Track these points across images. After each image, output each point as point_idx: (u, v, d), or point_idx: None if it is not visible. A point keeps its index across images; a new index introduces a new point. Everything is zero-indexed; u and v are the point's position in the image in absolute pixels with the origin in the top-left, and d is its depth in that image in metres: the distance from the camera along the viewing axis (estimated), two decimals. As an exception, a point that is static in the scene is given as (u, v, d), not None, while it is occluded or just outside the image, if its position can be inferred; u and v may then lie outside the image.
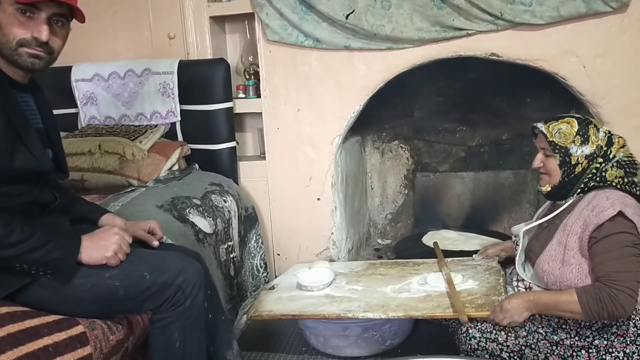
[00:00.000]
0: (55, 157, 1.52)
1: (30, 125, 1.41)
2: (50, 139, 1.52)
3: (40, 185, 1.47)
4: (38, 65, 1.37)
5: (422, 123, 3.00)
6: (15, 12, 1.31)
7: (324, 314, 1.85)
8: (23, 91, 1.45)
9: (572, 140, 1.57)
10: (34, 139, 1.40)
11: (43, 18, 1.33)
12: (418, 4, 2.21)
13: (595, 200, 1.51)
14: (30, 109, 1.47)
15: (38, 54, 1.35)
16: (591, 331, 1.52)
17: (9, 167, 1.32)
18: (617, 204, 1.46)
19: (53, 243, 1.29)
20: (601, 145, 1.56)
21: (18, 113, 1.37)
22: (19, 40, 1.32)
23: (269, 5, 2.41)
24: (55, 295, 1.34)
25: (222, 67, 2.57)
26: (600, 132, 1.59)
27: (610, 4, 2.04)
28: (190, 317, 1.45)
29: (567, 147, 1.58)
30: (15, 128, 1.34)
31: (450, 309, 1.74)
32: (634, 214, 1.46)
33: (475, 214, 2.92)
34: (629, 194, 1.52)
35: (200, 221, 2.14)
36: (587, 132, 1.57)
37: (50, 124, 1.53)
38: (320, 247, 2.67)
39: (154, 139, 2.49)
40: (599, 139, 1.57)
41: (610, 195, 1.50)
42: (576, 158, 1.57)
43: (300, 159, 2.62)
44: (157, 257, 1.46)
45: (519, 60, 2.23)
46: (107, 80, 2.68)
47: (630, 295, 1.40)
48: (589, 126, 1.59)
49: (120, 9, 2.77)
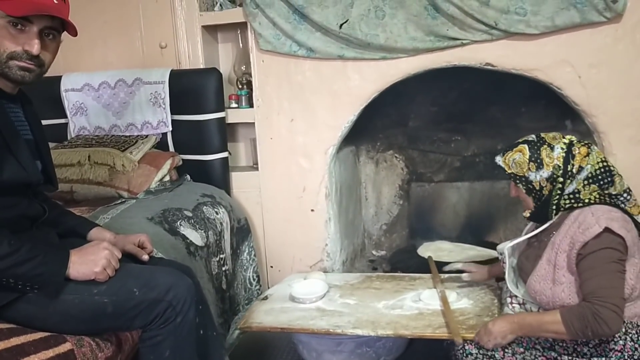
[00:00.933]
0: (44, 169, 1.50)
1: (19, 136, 1.39)
2: (40, 151, 1.50)
3: (28, 197, 1.44)
4: (28, 78, 1.36)
5: (416, 133, 2.99)
6: (6, 24, 1.30)
7: (313, 328, 1.84)
8: (12, 102, 1.43)
9: (528, 167, 1.57)
10: (23, 150, 1.38)
11: (35, 32, 1.32)
12: (412, 14, 2.20)
13: (582, 217, 1.50)
14: (19, 120, 1.45)
15: (28, 67, 1.34)
16: (588, 348, 1.50)
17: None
18: (603, 220, 1.45)
19: (41, 257, 1.26)
20: (558, 165, 1.54)
21: (7, 124, 1.36)
22: (9, 54, 1.31)
23: (262, 15, 2.40)
24: (42, 312, 1.31)
25: (214, 76, 2.55)
26: (556, 149, 1.56)
27: (605, 14, 2.04)
28: (182, 334, 1.41)
29: (525, 175, 1.58)
30: (4, 139, 1.32)
31: (440, 329, 1.72)
32: (621, 227, 1.44)
33: (470, 224, 2.90)
34: (614, 207, 1.51)
35: (192, 234, 2.10)
36: (540, 156, 1.56)
37: (39, 136, 1.51)
38: (314, 259, 2.64)
39: (144, 150, 2.46)
40: (553, 159, 1.55)
41: (596, 211, 1.49)
42: (538, 183, 1.57)
43: (293, 170, 2.59)
44: (147, 273, 1.43)
45: (513, 70, 2.22)
46: (97, 90, 2.64)
47: (614, 312, 1.38)
48: (541, 148, 1.57)
49: (110, 18, 2.74)
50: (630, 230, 1.48)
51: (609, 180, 1.53)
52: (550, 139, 1.58)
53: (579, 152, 1.55)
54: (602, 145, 2.21)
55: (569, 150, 1.55)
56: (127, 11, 2.71)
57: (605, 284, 1.41)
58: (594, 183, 1.53)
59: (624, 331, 1.47)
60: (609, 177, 1.53)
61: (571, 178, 1.54)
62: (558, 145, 1.56)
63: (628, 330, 1.47)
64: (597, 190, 1.52)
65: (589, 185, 1.53)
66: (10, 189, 1.35)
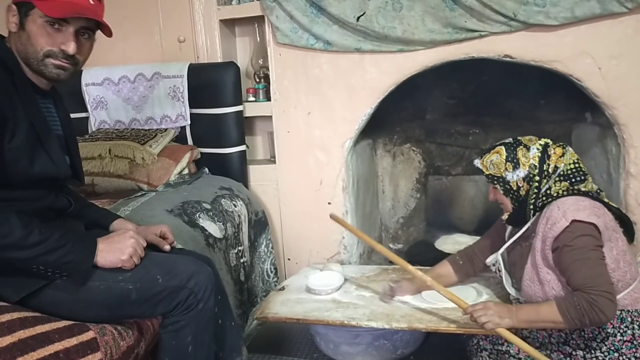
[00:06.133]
0: (72, 164, 1.54)
1: (51, 131, 1.42)
2: (69, 146, 1.54)
3: (55, 191, 1.48)
4: (63, 76, 1.39)
5: (434, 126, 2.98)
6: (44, 24, 1.33)
7: (328, 320, 1.85)
8: (45, 98, 1.46)
9: (505, 168, 1.60)
10: (54, 145, 1.41)
11: (71, 32, 1.35)
12: (430, 6, 2.19)
13: (549, 212, 1.51)
14: (52, 115, 1.48)
15: (63, 65, 1.37)
16: (597, 342, 1.49)
17: (28, 171, 1.33)
18: (569, 212, 1.45)
19: (70, 245, 1.29)
20: (534, 164, 1.57)
21: (40, 119, 1.39)
22: (46, 52, 1.34)
23: (279, 8, 2.41)
24: (69, 298, 1.34)
25: (232, 70, 2.56)
26: (532, 150, 1.58)
27: (626, 5, 2.01)
28: (203, 320, 1.44)
29: (502, 175, 1.60)
30: (37, 133, 1.35)
31: (455, 323, 1.71)
32: (590, 215, 1.45)
33: (488, 217, 2.87)
34: (583, 195, 1.51)
35: (211, 226, 2.13)
36: (516, 156, 1.59)
37: (69, 131, 1.55)
38: (331, 251, 2.65)
39: (163, 143, 2.48)
40: (529, 159, 1.58)
41: (562, 204, 1.49)
42: (515, 183, 1.59)
43: (310, 163, 2.60)
44: (170, 261, 1.46)
45: (532, 62, 2.20)
46: (117, 85, 2.68)
47: (608, 299, 1.39)
48: (518, 149, 1.60)
49: (130, 13, 2.77)
50: (602, 216, 1.48)
51: (581, 179, 1.55)
52: (526, 141, 1.62)
53: (555, 152, 1.58)
54: (622, 138, 2.19)
55: (544, 150, 1.58)
56: (146, 6, 2.74)
57: (591, 274, 1.42)
58: (565, 180, 1.55)
59: (630, 320, 1.47)
60: (581, 175, 1.55)
61: (547, 177, 1.56)
62: (534, 146, 1.59)
63: (634, 319, 1.47)
64: (567, 186, 1.54)
65: (560, 182, 1.55)
66: (40, 182, 1.39)
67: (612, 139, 2.28)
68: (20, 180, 1.33)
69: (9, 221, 1.23)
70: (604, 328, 1.47)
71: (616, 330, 1.47)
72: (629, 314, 1.47)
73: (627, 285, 1.49)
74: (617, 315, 1.47)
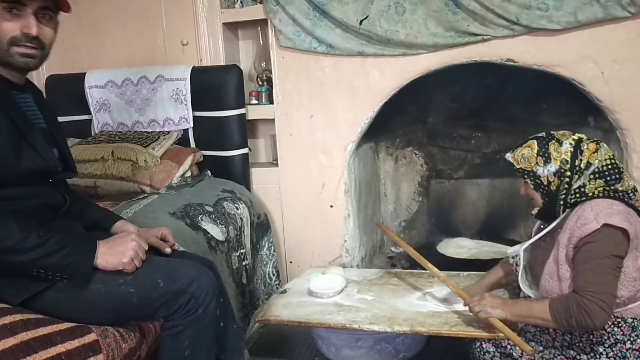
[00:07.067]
0: (61, 156, 1.52)
1: (33, 125, 1.41)
2: (55, 138, 1.52)
3: (49, 186, 1.46)
4: (32, 64, 1.39)
5: (436, 129, 2.98)
6: (2, 11, 1.32)
7: (330, 323, 1.85)
8: (23, 92, 1.45)
9: (536, 162, 1.57)
10: (39, 139, 1.40)
11: (29, 13, 1.34)
12: (432, 9, 2.20)
13: (581, 211, 1.48)
14: (31, 109, 1.47)
15: (30, 53, 1.36)
16: (604, 347, 1.48)
17: (17, 168, 1.33)
18: (602, 215, 1.43)
19: (69, 248, 1.29)
20: (565, 159, 1.54)
21: (19, 114, 1.38)
22: (9, 39, 1.33)
23: (282, 12, 2.41)
24: (71, 300, 1.34)
25: (235, 73, 2.57)
26: (564, 144, 1.55)
27: (629, 9, 2.01)
28: (202, 325, 1.44)
29: (533, 170, 1.58)
30: (19, 129, 1.35)
31: (457, 326, 1.71)
32: (622, 220, 1.42)
33: (490, 221, 2.89)
34: (618, 200, 1.48)
35: (213, 228, 2.13)
36: (548, 150, 1.56)
37: (52, 123, 1.53)
38: (333, 254, 2.65)
39: (166, 146, 2.49)
40: (561, 154, 1.54)
41: (596, 205, 1.46)
42: (546, 178, 1.56)
43: (313, 166, 2.61)
44: (171, 265, 1.46)
45: (535, 66, 2.20)
46: (120, 87, 2.69)
47: (601, 307, 1.37)
48: (550, 143, 1.57)
49: (133, 15, 2.78)
50: (634, 223, 1.45)
51: (617, 177, 1.50)
52: (559, 136, 1.58)
53: (588, 148, 1.53)
54: (625, 142, 2.19)
55: (577, 145, 1.54)
56: (150, 9, 2.74)
57: (596, 279, 1.40)
58: (600, 178, 1.50)
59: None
60: (616, 173, 1.51)
61: (579, 173, 1.52)
62: (567, 141, 1.56)
63: None
64: (603, 185, 1.50)
65: (595, 180, 1.51)
66: (31, 177, 1.38)
67: (614, 143, 2.27)
68: (10, 177, 1.32)
69: (7, 224, 1.23)
70: (614, 334, 1.46)
71: (626, 337, 1.45)
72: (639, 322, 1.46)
73: None
74: (629, 323, 1.45)
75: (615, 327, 1.46)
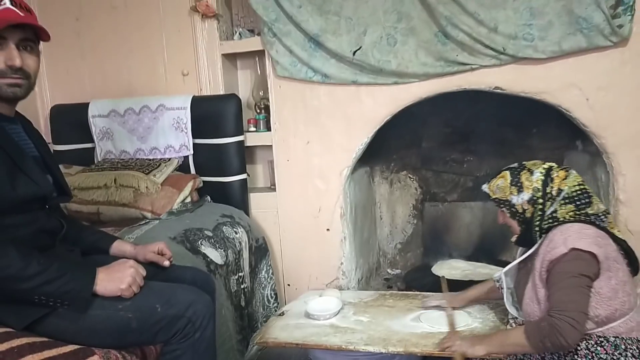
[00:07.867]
0: (55, 182, 1.55)
1: (25, 153, 1.45)
2: (47, 165, 1.55)
3: (46, 212, 1.49)
4: (20, 93, 1.42)
5: (430, 153, 3.04)
6: None
7: (327, 344, 1.89)
8: (13, 124, 1.49)
9: (510, 191, 1.66)
10: (32, 166, 1.43)
11: (11, 45, 1.37)
12: (422, 40, 2.28)
13: (552, 236, 1.55)
14: (22, 139, 1.49)
15: (16, 82, 1.40)
16: None
17: (12, 196, 1.35)
18: (570, 240, 1.49)
19: (69, 274, 1.32)
20: (537, 187, 1.62)
21: (11, 143, 1.41)
22: None
23: (279, 43, 2.50)
24: (72, 326, 1.37)
25: (234, 102, 2.64)
26: (535, 173, 1.64)
27: (611, 39, 2.08)
28: (200, 349, 1.46)
29: (508, 199, 1.67)
30: (11, 158, 1.38)
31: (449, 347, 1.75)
32: (591, 244, 1.48)
33: (484, 243, 2.93)
34: (587, 223, 1.54)
35: (212, 252, 2.18)
36: (520, 180, 1.65)
37: (44, 151, 1.57)
38: (330, 277, 2.69)
39: (167, 172, 2.54)
40: (533, 182, 1.63)
41: (565, 230, 1.53)
42: (520, 206, 1.65)
43: (309, 190, 2.66)
44: (169, 290, 1.49)
45: (522, 94, 2.27)
46: (123, 116, 2.75)
47: (571, 325, 1.42)
48: (522, 173, 1.66)
49: (135, 46, 2.86)
50: (603, 246, 1.51)
51: (587, 202, 1.58)
52: (530, 165, 1.67)
53: (558, 175, 1.62)
54: (611, 166, 2.24)
55: (547, 174, 1.63)
56: (151, 40, 2.83)
57: (564, 298, 1.46)
58: (570, 203, 1.58)
59: (624, 347, 1.49)
60: (586, 198, 1.58)
61: (551, 200, 1.60)
62: (537, 170, 1.65)
63: (628, 347, 1.49)
64: (574, 210, 1.57)
65: (566, 205, 1.58)
66: (27, 204, 1.41)
67: (601, 166, 2.33)
68: (7, 205, 1.35)
69: (7, 253, 1.26)
70: (597, 353, 1.49)
71: (609, 356, 1.48)
72: (623, 341, 1.49)
73: (624, 315, 1.51)
74: (611, 342, 1.49)
75: (599, 346, 1.50)
